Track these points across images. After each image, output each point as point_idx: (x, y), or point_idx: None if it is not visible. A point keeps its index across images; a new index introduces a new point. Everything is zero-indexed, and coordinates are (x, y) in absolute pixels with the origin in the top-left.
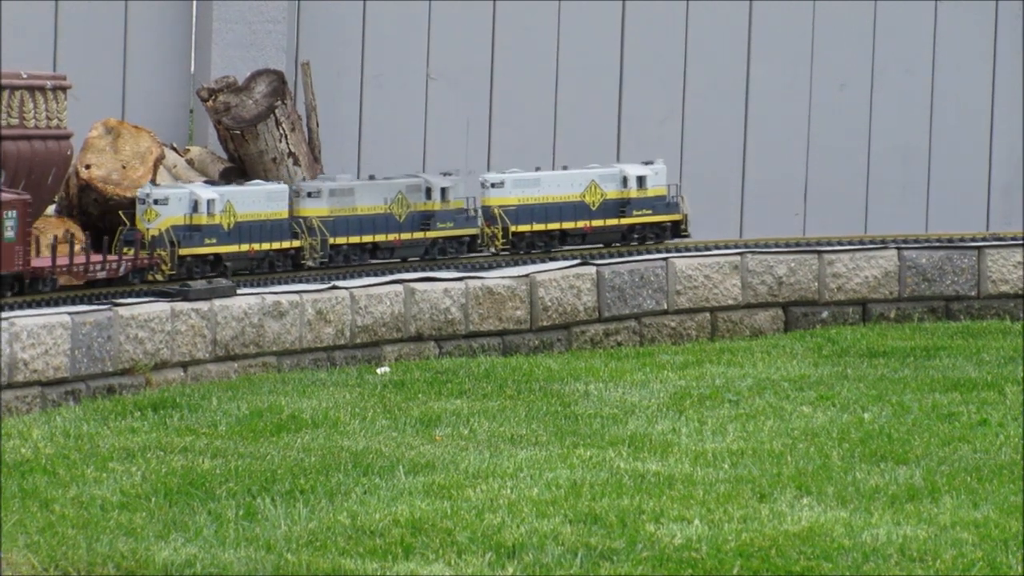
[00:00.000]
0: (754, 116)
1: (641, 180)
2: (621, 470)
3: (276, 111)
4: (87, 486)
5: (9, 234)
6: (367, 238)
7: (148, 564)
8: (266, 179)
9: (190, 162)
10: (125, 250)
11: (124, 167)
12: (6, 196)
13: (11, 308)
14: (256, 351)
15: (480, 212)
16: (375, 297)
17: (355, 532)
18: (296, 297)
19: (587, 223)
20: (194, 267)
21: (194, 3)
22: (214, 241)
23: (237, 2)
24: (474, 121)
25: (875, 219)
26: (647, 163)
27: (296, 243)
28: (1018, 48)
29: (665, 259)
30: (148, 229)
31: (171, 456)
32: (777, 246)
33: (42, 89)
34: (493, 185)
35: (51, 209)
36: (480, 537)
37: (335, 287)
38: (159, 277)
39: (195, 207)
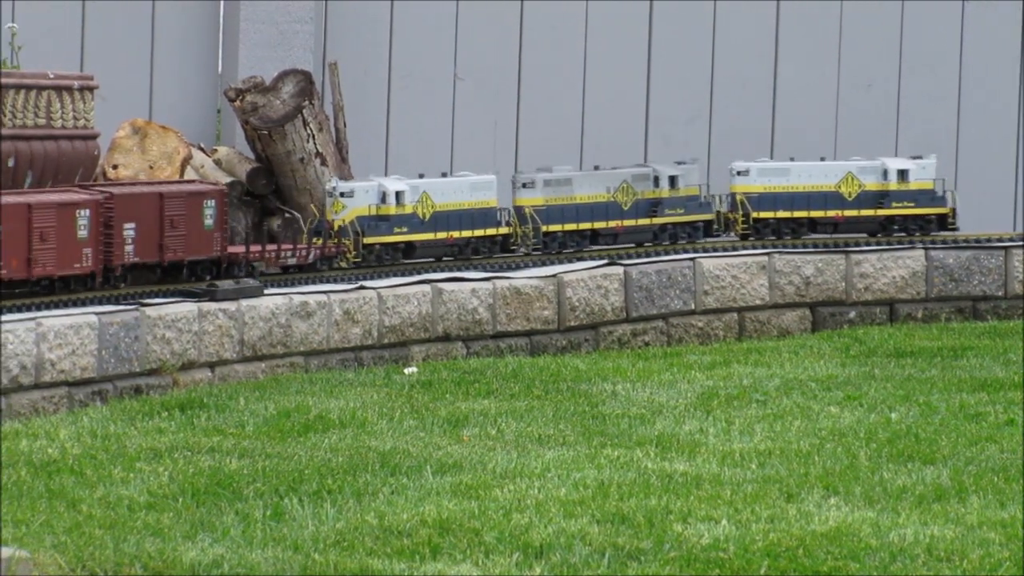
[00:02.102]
0: (781, 115)
1: (903, 173)
2: (649, 470)
3: (303, 111)
4: (114, 486)
5: (208, 222)
6: (584, 225)
7: (175, 564)
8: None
9: (217, 162)
10: (315, 239)
11: (151, 167)
12: (205, 187)
13: (38, 308)
14: (283, 351)
15: (716, 199)
16: (402, 297)
17: (383, 532)
18: (323, 297)
19: (839, 212)
20: (383, 254)
21: (221, 3)
22: (405, 230)
23: (264, 2)
24: (501, 121)
25: None
26: (915, 157)
27: (503, 230)
28: None
29: (692, 259)
30: (335, 220)
31: (198, 456)
32: (804, 246)
33: (69, 89)
34: (739, 173)
35: None
36: (508, 537)
37: (363, 287)
38: (344, 264)
39: (383, 198)
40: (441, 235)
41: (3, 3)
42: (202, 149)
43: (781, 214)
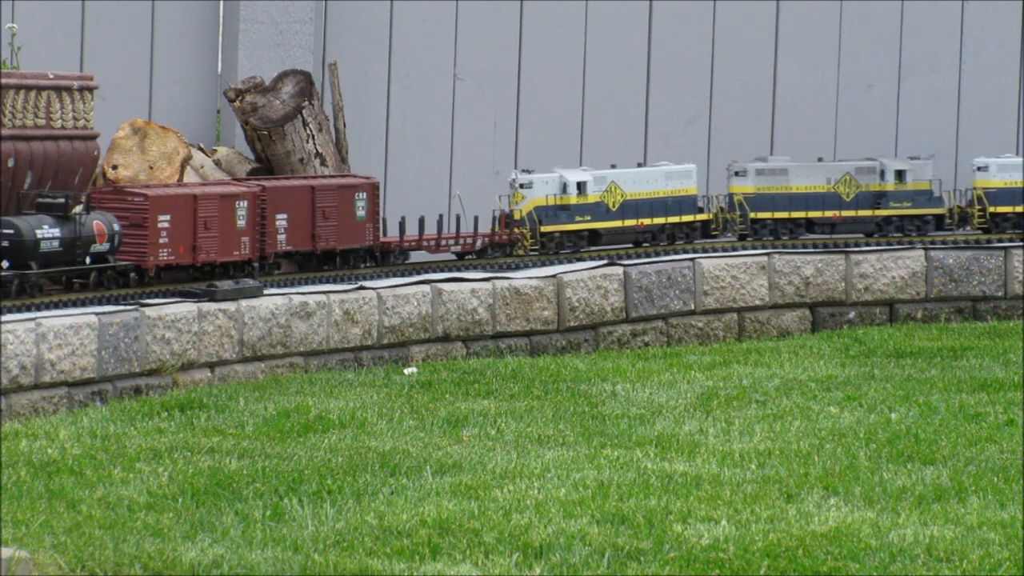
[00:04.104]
0: (781, 116)
1: None
2: (648, 470)
3: (303, 111)
4: (114, 487)
5: (360, 213)
6: (797, 214)
7: (175, 565)
8: None
9: (217, 162)
10: (495, 228)
11: (151, 167)
12: (356, 181)
13: (38, 308)
14: (283, 351)
15: (950, 194)
16: (402, 297)
17: (382, 532)
18: (323, 298)
19: None
20: (564, 242)
21: (221, 3)
22: (588, 218)
23: (264, 2)
24: (501, 121)
25: None
26: None
27: (701, 217)
28: None
29: (692, 259)
30: (516, 210)
31: (198, 457)
32: (804, 246)
33: (69, 89)
34: (979, 169)
35: None
36: (507, 537)
37: (362, 287)
38: (520, 252)
39: (564, 188)
40: (630, 223)
41: (3, 3)
42: (202, 149)
43: (1021, 208)
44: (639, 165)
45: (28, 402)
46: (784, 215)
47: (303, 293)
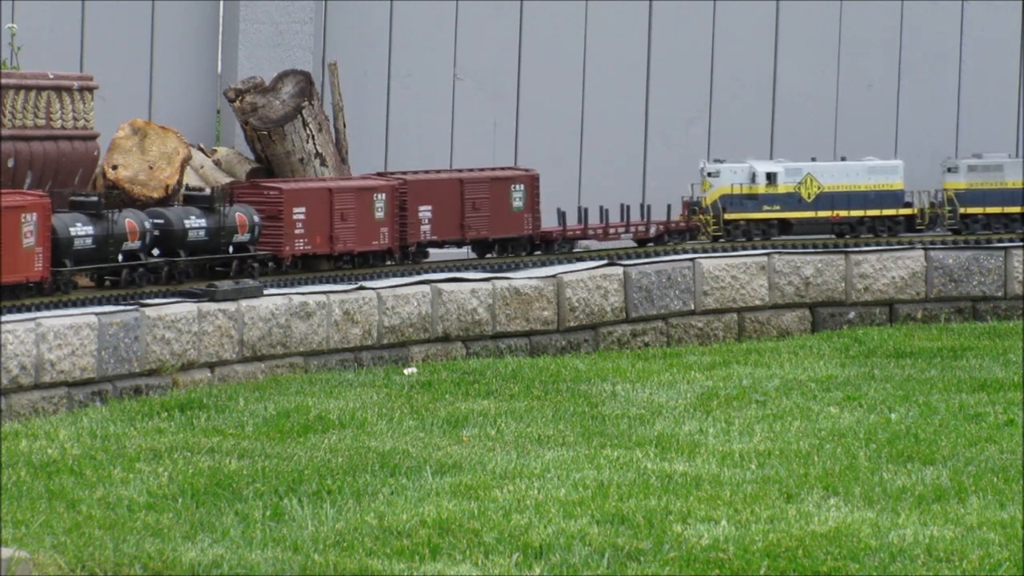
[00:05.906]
0: (781, 115)
1: None
2: (648, 471)
3: (303, 111)
4: (114, 487)
5: (517, 204)
6: (1012, 209)
7: (175, 565)
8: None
9: (217, 163)
10: (683, 215)
11: (151, 167)
12: (511, 173)
13: (37, 308)
14: (283, 352)
15: None
16: (402, 298)
17: (382, 533)
18: (323, 298)
19: None
20: (752, 230)
21: (221, 3)
22: (777, 208)
23: (264, 2)
24: (501, 121)
25: None
26: None
27: (904, 211)
28: None
29: (692, 260)
30: (702, 198)
31: (198, 457)
32: (804, 246)
33: (69, 89)
34: None
35: None
36: (507, 537)
37: (362, 287)
38: (703, 238)
39: (752, 178)
40: (823, 214)
41: (3, 3)
42: (202, 149)
43: None
44: (842, 159)
45: (28, 402)
46: (997, 210)
47: (303, 293)
